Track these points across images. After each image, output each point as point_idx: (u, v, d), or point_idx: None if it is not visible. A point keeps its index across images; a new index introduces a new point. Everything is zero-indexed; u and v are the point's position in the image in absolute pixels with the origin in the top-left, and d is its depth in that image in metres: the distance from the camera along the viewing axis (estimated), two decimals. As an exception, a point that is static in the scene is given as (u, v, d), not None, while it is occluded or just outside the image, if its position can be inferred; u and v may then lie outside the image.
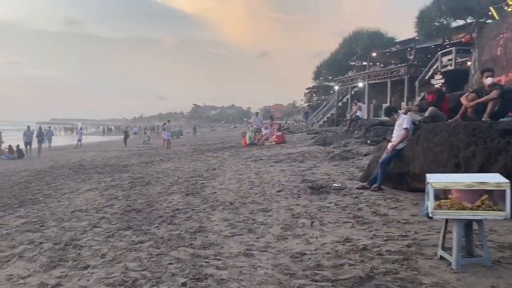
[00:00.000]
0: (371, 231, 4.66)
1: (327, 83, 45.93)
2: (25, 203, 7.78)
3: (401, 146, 6.82)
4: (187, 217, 5.75)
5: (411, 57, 24.71)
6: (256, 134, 21.23)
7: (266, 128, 23.45)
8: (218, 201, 6.74)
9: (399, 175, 6.80)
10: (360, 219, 5.16)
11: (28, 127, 25.10)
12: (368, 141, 13.66)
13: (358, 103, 16.72)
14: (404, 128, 6.83)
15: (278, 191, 7.19)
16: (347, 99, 31.69)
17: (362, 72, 29.81)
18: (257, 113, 27.60)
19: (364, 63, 34.56)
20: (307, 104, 58.80)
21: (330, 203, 6.10)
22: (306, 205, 6.07)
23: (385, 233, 4.55)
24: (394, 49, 30.69)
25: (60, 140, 46.06)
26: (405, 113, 7.70)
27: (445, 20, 23.37)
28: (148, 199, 7.28)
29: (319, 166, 9.75)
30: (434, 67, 20.52)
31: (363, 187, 6.99)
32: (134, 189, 8.53)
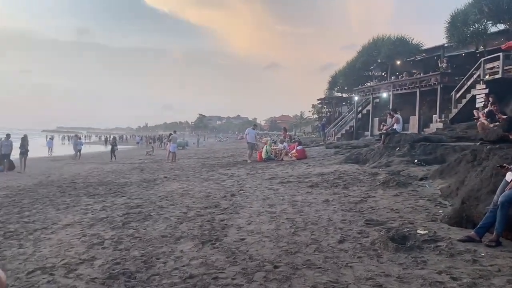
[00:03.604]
0: None
1: (341, 94, 43.64)
2: (-28, 249, 5.47)
3: (532, 178, 4.48)
4: (209, 299, 3.42)
5: (443, 65, 22.39)
6: (272, 148, 18.98)
7: (282, 142, 21.20)
8: (252, 259, 4.40)
9: (530, 223, 4.46)
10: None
11: (7, 135, 20.37)
12: (416, 161, 11.33)
13: (395, 115, 14.38)
14: (539, 152, 4.49)
15: (340, 242, 4.84)
16: (367, 110, 29.38)
17: (386, 81, 27.50)
18: (255, 125, 22.24)
19: (384, 73, 32.37)
20: (318, 115, 56.65)
21: (438, 272, 3.75)
22: (401, 276, 3.72)
23: None
24: (418, 58, 28.36)
25: (63, 149, 44.05)
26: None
27: (482, 25, 21.11)
28: (146, 249, 4.95)
29: (374, 196, 7.40)
30: (475, 76, 18.18)
31: (469, 239, 4.63)
32: (128, 227, 6.20)
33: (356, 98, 30.39)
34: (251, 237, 5.24)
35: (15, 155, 20.31)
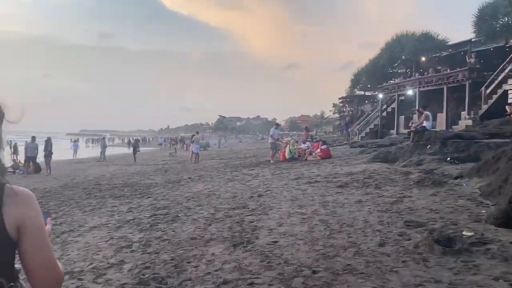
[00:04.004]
0: None
1: (363, 92, 42.91)
2: None
3: None
4: (247, 308, 3.20)
5: (471, 60, 21.69)
6: (293, 148, 18.71)
7: (304, 142, 20.84)
8: (288, 263, 4.15)
9: None
10: None
11: (33, 138, 20.42)
12: (448, 159, 10.89)
13: (425, 112, 13.90)
14: None
15: (380, 245, 4.55)
16: (392, 108, 28.74)
17: (412, 78, 26.83)
18: (277, 124, 22.78)
19: (408, 70, 31.62)
20: (339, 114, 56.08)
21: (495, 279, 3.43)
22: (453, 282, 3.42)
23: None
24: (444, 53, 27.60)
25: (87, 152, 44.76)
26: None
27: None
28: (175, 253, 4.76)
29: (409, 196, 7.05)
30: (507, 70, 17.50)
31: (522, 241, 4.29)
32: (156, 229, 6.05)
33: (380, 95, 29.75)
34: (284, 240, 4.99)
35: (40, 157, 20.57)
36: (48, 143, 20.78)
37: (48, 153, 20.18)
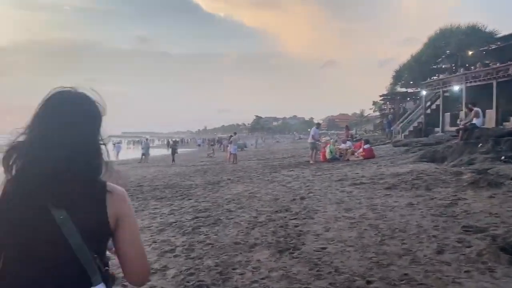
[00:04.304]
0: None
1: (405, 89, 41.62)
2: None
3: None
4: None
5: (523, 52, 20.46)
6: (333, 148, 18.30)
7: (344, 142, 20.33)
8: (339, 271, 3.91)
9: None
10: None
11: None
12: (503, 157, 10.24)
13: (475, 108, 13.17)
14: None
15: (438, 252, 4.22)
16: (437, 105, 27.59)
17: (458, 73, 25.67)
18: (318, 124, 21.96)
19: (453, 65, 30.33)
20: (380, 112, 54.84)
21: None
22: (528, 298, 3.08)
23: None
24: (493, 47, 26.26)
25: (128, 153, 45.84)
26: None
27: None
28: (220, 258, 4.61)
29: (464, 198, 6.60)
30: None
31: None
32: (198, 233, 5.93)
33: (423, 92, 28.62)
34: (332, 246, 4.74)
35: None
36: None
37: None
